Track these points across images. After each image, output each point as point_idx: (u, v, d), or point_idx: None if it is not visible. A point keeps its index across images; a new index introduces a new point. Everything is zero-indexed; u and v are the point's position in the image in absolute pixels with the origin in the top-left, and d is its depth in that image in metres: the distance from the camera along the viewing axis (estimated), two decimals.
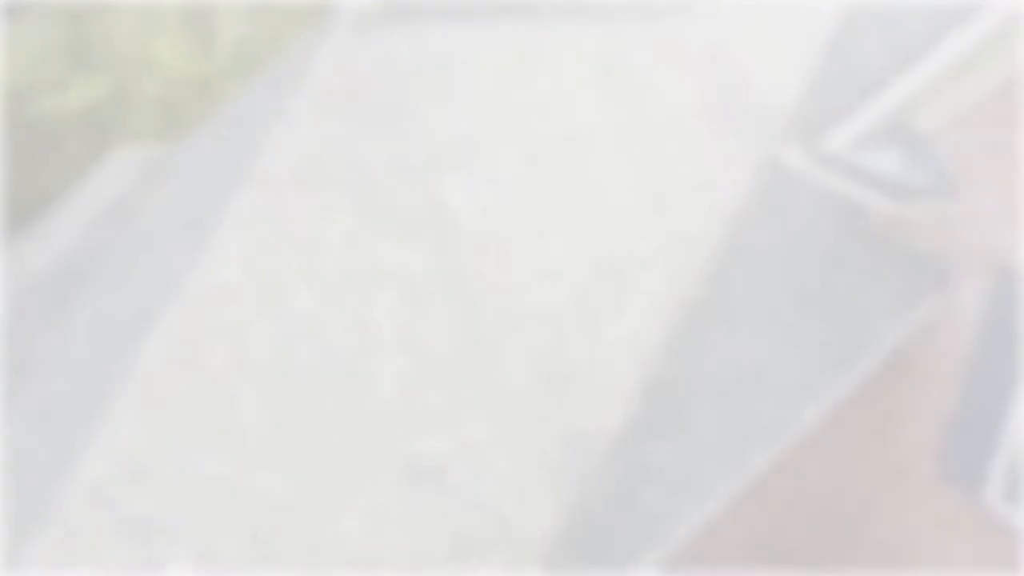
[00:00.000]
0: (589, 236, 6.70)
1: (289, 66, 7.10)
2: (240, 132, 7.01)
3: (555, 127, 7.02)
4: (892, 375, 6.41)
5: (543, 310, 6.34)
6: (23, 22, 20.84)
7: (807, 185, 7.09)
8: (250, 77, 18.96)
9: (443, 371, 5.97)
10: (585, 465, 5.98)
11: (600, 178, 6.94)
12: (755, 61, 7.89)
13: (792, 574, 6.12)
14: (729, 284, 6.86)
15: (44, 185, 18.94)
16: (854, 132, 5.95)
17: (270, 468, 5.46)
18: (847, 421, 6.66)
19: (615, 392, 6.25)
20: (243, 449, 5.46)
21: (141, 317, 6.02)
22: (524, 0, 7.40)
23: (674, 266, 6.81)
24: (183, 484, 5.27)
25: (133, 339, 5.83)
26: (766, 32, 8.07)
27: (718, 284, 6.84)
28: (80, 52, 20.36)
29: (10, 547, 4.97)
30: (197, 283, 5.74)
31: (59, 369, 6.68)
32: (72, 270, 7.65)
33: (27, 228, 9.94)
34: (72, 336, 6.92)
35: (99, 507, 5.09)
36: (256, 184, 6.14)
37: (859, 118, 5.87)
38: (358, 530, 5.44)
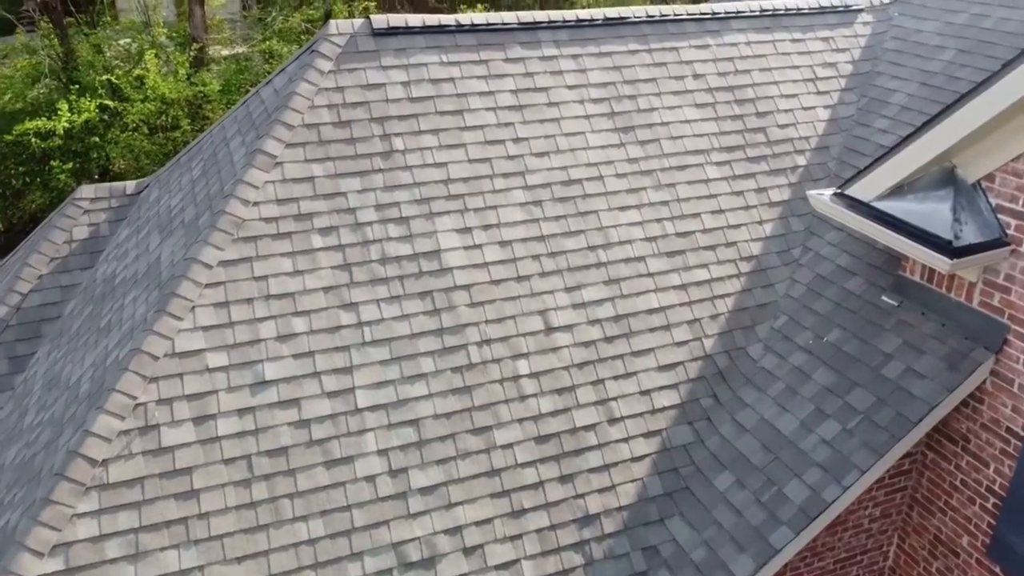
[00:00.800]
0: (597, 289, 6.06)
1: (268, 96, 6.47)
2: (212, 171, 6.37)
3: (559, 166, 6.40)
4: (937, 446, 5.76)
5: (546, 373, 5.69)
6: (12, 42, 20.38)
7: (839, 233, 6.46)
8: (237, 100, 18.55)
9: (434, 445, 5.31)
10: (596, 550, 5.31)
11: (608, 223, 6.30)
12: (777, 92, 7.28)
13: None
14: (754, 343, 6.22)
15: (26, 209, 18.43)
16: (893, 176, 5.32)
17: (240, 561, 4.79)
18: (887, 497, 6.00)
19: (627, 465, 5.60)
20: (208, 539, 4.78)
21: (94, 384, 5.36)
22: (526, 27, 6.79)
23: (692, 321, 6.17)
24: None
25: (84, 409, 5.18)
26: (788, 59, 7.47)
27: (741, 342, 6.20)
28: (69, 74, 19.92)
29: None
30: (156, 347, 5.08)
31: (7, 438, 6.02)
32: (29, 320, 7.00)
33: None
34: (23, 400, 6.26)
35: None
36: (225, 232, 5.50)
37: (900, 161, 5.24)
38: None
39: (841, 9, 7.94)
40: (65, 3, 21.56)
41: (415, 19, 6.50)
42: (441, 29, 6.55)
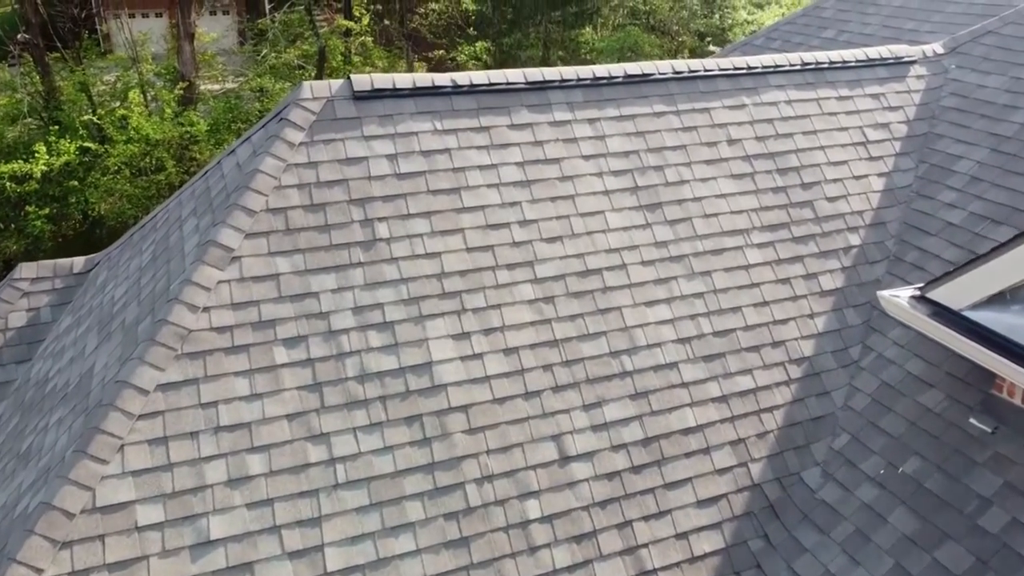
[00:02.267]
0: (621, 405, 5.02)
1: (230, 171, 5.48)
2: (161, 259, 5.35)
3: (574, 252, 5.39)
4: None
5: (562, 516, 4.63)
6: None
7: (906, 330, 5.42)
8: (226, 140, 17.60)
9: None
10: None
11: (633, 322, 5.28)
12: (823, 158, 6.30)
13: None
14: (810, 466, 5.17)
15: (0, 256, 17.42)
16: (993, 283, 4.31)
17: None
18: None
19: None
20: None
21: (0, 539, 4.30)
22: (534, 87, 5.81)
23: (735, 442, 5.12)
24: None
25: None
26: (835, 120, 6.49)
27: (795, 467, 5.16)
28: (50, 113, 19.05)
29: None
30: (71, 501, 4.02)
31: None
32: None
33: None
34: None
35: None
36: (166, 347, 4.47)
37: (1003, 265, 4.23)
38: None
39: (891, 61, 6.98)
40: (49, 39, 20.77)
41: (403, 79, 5.52)
42: (435, 91, 5.56)
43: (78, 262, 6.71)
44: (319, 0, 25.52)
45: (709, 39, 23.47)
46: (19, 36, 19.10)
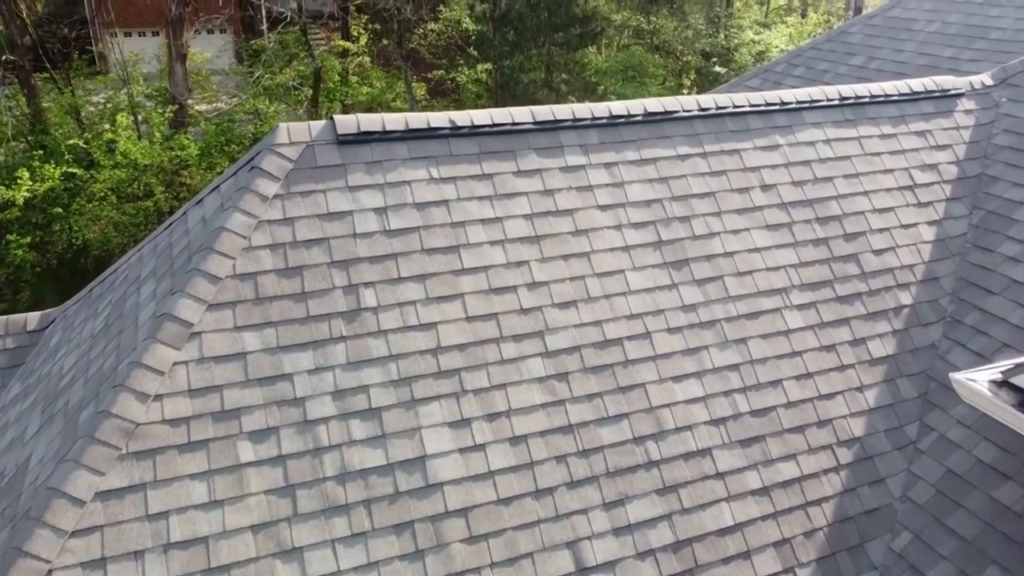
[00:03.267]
0: (647, 502, 4.29)
1: (195, 225, 4.77)
2: (114, 328, 4.64)
3: (590, 320, 4.68)
4: None
5: None
6: None
7: (971, 408, 4.70)
8: (217, 164, 16.94)
9: None
10: None
11: (659, 402, 4.56)
12: (867, 205, 5.61)
13: None
14: (866, 571, 4.44)
15: None
16: None
17: None
18: None
19: None
20: None
21: None
22: (543, 127, 5.13)
23: (780, 543, 4.40)
24: None
25: None
26: (878, 161, 5.81)
27: (849, 571, 4.43)
28: (37, 136, 18.45)
29: None
30: None
31: None
32: None
33: None
34: None
35: None
36: (108, 446, 3.75)
37: None
38: None
39: (937, 94, 6.30)
40: (39, 60, 20.21)
41: (394, 120, 4.83)
42: (431, 133, 4.87)
43: (32, 318, 6.01)
44: (317, 19, 25.00)
45: (715, 59, 22.89)
46: (3, 58, 18.49)
